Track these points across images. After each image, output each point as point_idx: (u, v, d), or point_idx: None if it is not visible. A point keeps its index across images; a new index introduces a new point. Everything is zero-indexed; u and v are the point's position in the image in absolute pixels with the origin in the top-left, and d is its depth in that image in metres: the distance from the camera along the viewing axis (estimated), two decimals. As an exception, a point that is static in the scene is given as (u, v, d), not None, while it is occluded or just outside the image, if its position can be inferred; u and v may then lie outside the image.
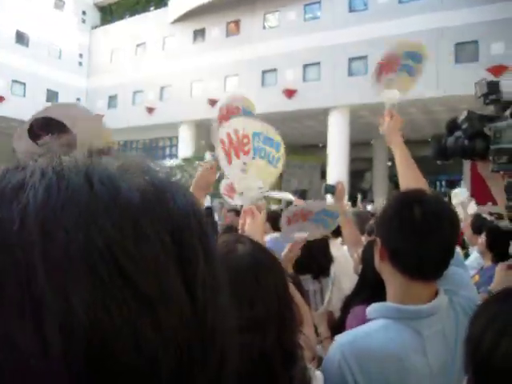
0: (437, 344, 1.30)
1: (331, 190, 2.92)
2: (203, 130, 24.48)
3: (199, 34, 24.62)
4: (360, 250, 2.44)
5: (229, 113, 2.41)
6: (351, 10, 20.00)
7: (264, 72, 21.99)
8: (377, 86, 2.28)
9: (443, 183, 24.85)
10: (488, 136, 1.35)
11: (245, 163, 1.89)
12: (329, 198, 3.26)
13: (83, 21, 29.40)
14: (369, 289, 2.13)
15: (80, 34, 28.78)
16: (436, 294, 1.35)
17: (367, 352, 1.23)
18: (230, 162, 1.92)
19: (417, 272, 1.32)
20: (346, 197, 3.39)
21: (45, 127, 1.20)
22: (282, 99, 20.77)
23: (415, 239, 1.30)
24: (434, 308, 1.30)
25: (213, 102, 22.81)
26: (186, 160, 21.14)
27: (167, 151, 26.63)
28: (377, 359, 1.22)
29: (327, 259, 2.94)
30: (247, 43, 22.37)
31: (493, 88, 1.40)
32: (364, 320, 1.94)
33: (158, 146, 27.23)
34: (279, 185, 11.48)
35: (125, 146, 28.00)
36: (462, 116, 1.48)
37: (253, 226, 1.84)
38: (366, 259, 2.27)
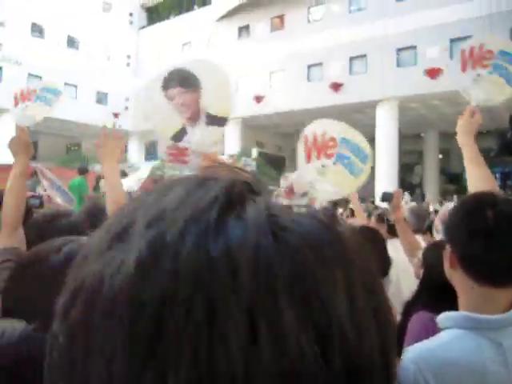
0: (518, 355, 1.22)
1: (388, 197, 2.89)
2: (249, 126, 24.59)
3: (244, 30, 24.69)
4: (420, 253, 2.36)
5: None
6: (398, -1, 19.50)
7: (309, 66, 21.80)
8: (462, 76, 2.09)
9: (497, 176, 23.91)
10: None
11: (323, 166, 1.84)
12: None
13: (130, 22, 30.10)
14: (431, 293, 2.05)
15: (127, 35, 29.50)
16: (514, 301, 1.27)
17: (444, 365, 1.17)
18: (309, 160, 1.88)
19: (492, 279, 1.25)
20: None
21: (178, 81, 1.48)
22: (328, 93, 20.54)
23: (489, 244, 1.23)
24: (513, 317, 1.23)
25: (258, 99, 22.85)
26: (232, 156, 21.29)
27: (214, 148, 26.86)
28: (455, 372, 1.17)
29: (386, 262, 2.85)
30: (292, 38, 22.23)
31: None
32: (427, 326, 1.87)
33: (205, 143, 27.48)
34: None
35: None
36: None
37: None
38: (428, 262, 2.18)
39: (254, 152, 22.81)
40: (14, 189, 1.95)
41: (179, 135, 2.03)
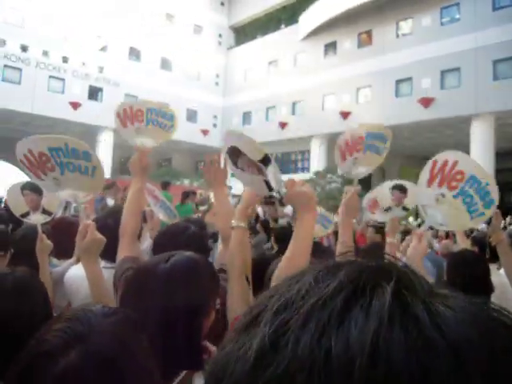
0: None
1: (488, 220, 2.79)
2: (335, 143, 24.38)
3: (330, 47, 24.66)
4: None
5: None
6: (495, 8, 18.50)
7: (398, 81, 21.27)
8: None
9: None
10: None
11: (443, 195, 1.83)
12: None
13: (219, 43, 31.20)
14: None
15: (216, 55, 30.61)
16: None
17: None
18: (430, 184, 1.90)
19: None
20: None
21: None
22: (418, 108, 19.87)
23: None
24: None
25: (345, 115, 22.62)
26: (317, 173, 21.17)
27: (299, 165, 26.96)
28: None
29: (489, 287, 2.66)
30: (380, 53, 21.85)
31: None
32: None
33: (291, 159, 27.69)
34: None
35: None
36: None
37: (417, 249, 1.83)
38: None
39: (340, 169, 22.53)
40: (131, 205, 2.10)
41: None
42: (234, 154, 1.69)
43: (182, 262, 1.27)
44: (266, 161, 1.58)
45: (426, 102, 19.71)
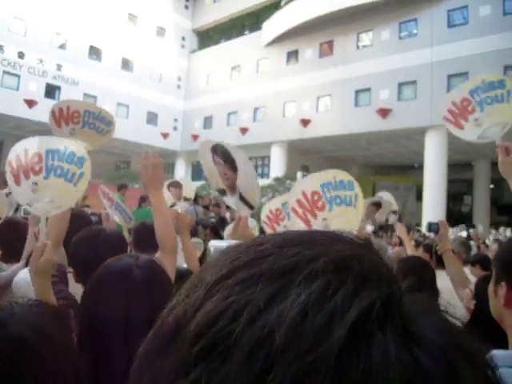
0: None
1: (435, 228, 3.00)
2: (295, 149, 24.63)
3: (292, 55, 24.94)
4: (471, 285, 2.27)
5: None
6: (450, 25, 19.22)
7: (357, 92, 21.72)
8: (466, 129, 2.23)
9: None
10: None
11: (324, 219, 1.88)
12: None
13: (182, 46, 31.00)
14: (483, 327, 1.99)
15: (179, 58, 30.39)
16: None
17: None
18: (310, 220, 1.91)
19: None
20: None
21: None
22: (376, 119, 20.35)
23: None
24: None
25: (305, 122, 22.90)
26: (277, 180, 21.31)
27: (259, 170, 27.07)
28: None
29: (435, 293, 2.79)
30: (340, 63, 22.28)
31: None
32: None
33: (250, 165, 27.68)
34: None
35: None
36: None
37: None
38: (480, 295, 2.12)
39: (299, 175, 22.76)
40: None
41: (221, 191, 2.20)
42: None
43: (151, 264, 1.27)
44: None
45: (384, 113, 20.21)
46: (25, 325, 0.87)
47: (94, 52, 26.13)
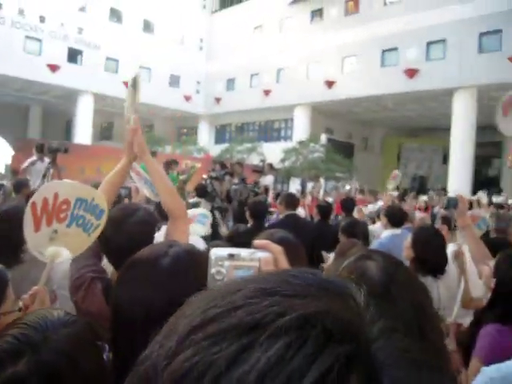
0: None
1: (453, 203, 2.92)
2: (319, 112, 24.25)
3: (317, 14, 24.24)
4: (492, 263, 2.20)
5: None
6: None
7: (384, 51, 21.08)
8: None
9: None
10: None
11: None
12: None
13: (204, 6, 30.41)
14: (505, 305, 2.00)
15: (200, 19, 29.84)
16: None
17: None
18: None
19: None
20: (469, 188, 3.24)
21: None
22: (403, 79, 19.79)
23: None
24: None
25: (330, 84, 22.44)
26: (300, 142, 21.09)
27: (282, 133, 26.83)
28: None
29: (443, 259, 2.90)
30: (367, 22, 21.53)
31: None
32: (497, 341, 1.75)
33: (274, 127, 27.52)
34: (395, 169, 10.84)
35: (241, 127, 28.68)
36: None
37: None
38: (501, 272, 2.08)
39: (323, 138, 22.48)
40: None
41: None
42: None
43: (183, 254, 1.21)
44: None
45: (411, 73, 19.62)
46: (57, 352, 0.89)
47: (115, 14, 25.84)
